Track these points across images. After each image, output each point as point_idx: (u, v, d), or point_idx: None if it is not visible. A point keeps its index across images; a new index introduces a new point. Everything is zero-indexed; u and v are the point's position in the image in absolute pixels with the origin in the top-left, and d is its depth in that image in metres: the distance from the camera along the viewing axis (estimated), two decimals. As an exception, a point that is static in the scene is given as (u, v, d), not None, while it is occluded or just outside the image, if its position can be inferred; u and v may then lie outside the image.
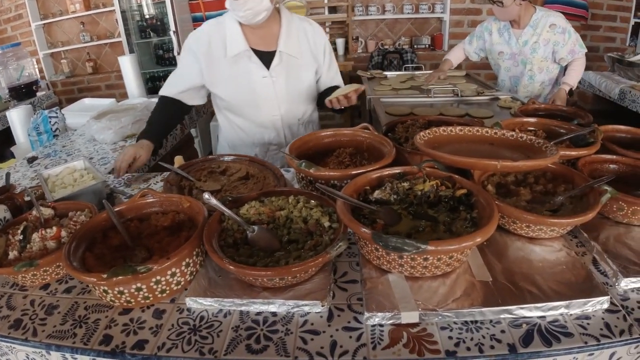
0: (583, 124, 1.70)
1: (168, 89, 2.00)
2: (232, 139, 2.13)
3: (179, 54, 4.81)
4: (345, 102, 1.74)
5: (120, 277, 0.93)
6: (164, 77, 5.14)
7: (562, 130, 1.59)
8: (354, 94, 1.71)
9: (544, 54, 2.88)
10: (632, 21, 4.50)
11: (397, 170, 1.24)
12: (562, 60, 2.86)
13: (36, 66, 4.42)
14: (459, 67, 3.45)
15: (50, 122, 2.55)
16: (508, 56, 3.04)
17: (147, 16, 5.03)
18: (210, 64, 1.91)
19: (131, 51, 4.95)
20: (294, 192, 1.23)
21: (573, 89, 2.87)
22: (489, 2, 2.83)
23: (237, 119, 2.05)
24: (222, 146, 2.21)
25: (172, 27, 4.73)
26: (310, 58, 1.98)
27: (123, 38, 4.94)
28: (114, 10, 4.87)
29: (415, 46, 5.16)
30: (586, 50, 2.83)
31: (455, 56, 3.32)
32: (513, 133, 1.37)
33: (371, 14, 5.06)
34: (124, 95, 3.49)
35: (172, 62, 4.97)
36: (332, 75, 2.07)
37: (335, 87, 2.00)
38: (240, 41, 1.87)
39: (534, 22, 2.83)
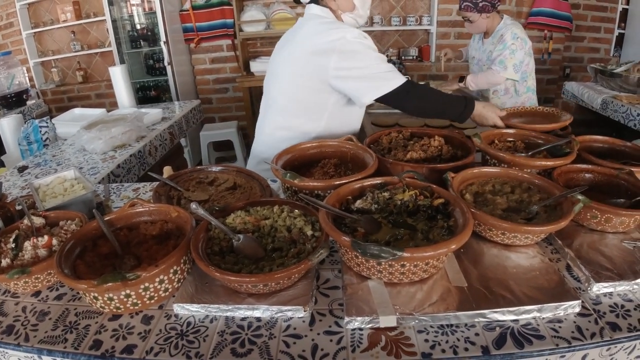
0: (561, 134, 1.76)
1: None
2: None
3: (169, 64, 4.84)
4: None
5: (110, 284, 0.96)
6: (154, 87, 5.16)
7: (539, 141, 1.65)
8: None
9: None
10: (616, 32, 4.60)
11: (378, 180, 1.29)
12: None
13: (26, 75, 4.42)
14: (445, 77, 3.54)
15: (40, 131, 2.58)
16: (476, 61, 3.29)
17: (138, 26, 5.05)
18: None
19: (122, 61, 4.97)
20: (278, 202, 1.27)
21: (466, 84, 3.10)
22: (462, 19, 3.07)
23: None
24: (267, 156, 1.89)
25: (163, 38, 4.76)
26: None
27: (114, 47, 4.95)
28: (105, 19, 4.88)
29: (403, 57, 5.23)
30: (505, 76, 2.96)
31: (464, 52, 3.56)
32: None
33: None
34: (114, 105, 3.50)
35: (163, 72, 4.99)
36: None
37: None
38: None
39: (496, 32, 3.03)
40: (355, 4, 1.86)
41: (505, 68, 2.93)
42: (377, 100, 1.77)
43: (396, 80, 1.74)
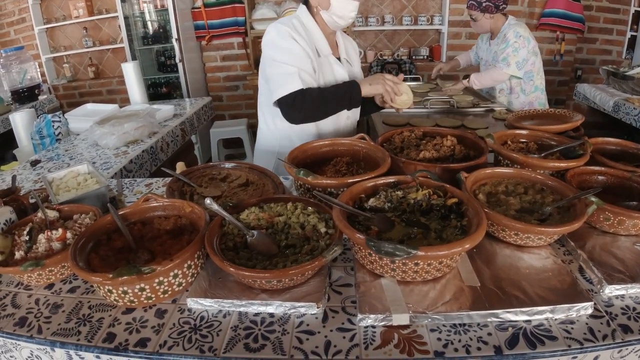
0: (574, 136, 1.75)
1: (300, 83, 1.76)
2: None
3: (180, 61, 4.86)
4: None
5: (125, 277, 0.96)
6: (166, 84, 5.19)
7: (553, 143, 1.64)
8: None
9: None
10: (629, 34, 4.57)
11: (391, 179, 1.29)
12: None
13: (38, 70, 4.45)
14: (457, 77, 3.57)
15: (53, 126, 2.59)
16: (484, 62, 3.36)
17: (149, 23, 5.08)
18: (312, 57, 1.86)
19: (133, 57, 4.99)
20: (292, 199, 1.27)
21: (470, 82, 3.12)
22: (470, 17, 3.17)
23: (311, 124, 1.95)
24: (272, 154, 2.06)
25: (175, 35, 4.78)
26: (358, 66, 2.13)
27: (125, 44, 4.98)
28: (117, 16, 4.91)
29: (413, 57, 5.22)
30: (508, 72, 3.01)
31: (463, 59, 3.64)
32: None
33: (371, 25, 5.11)
34: (125, 101, 3.52)
35: (174, 69, 5.01)
36: None
37: None
38: (324, 44, 1.92)
39: (500, 33, 3.09)
40: (330, 3, 1.81)
41: (509, 65, 2.97)
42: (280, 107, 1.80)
43: (286, 87, 1.74)
